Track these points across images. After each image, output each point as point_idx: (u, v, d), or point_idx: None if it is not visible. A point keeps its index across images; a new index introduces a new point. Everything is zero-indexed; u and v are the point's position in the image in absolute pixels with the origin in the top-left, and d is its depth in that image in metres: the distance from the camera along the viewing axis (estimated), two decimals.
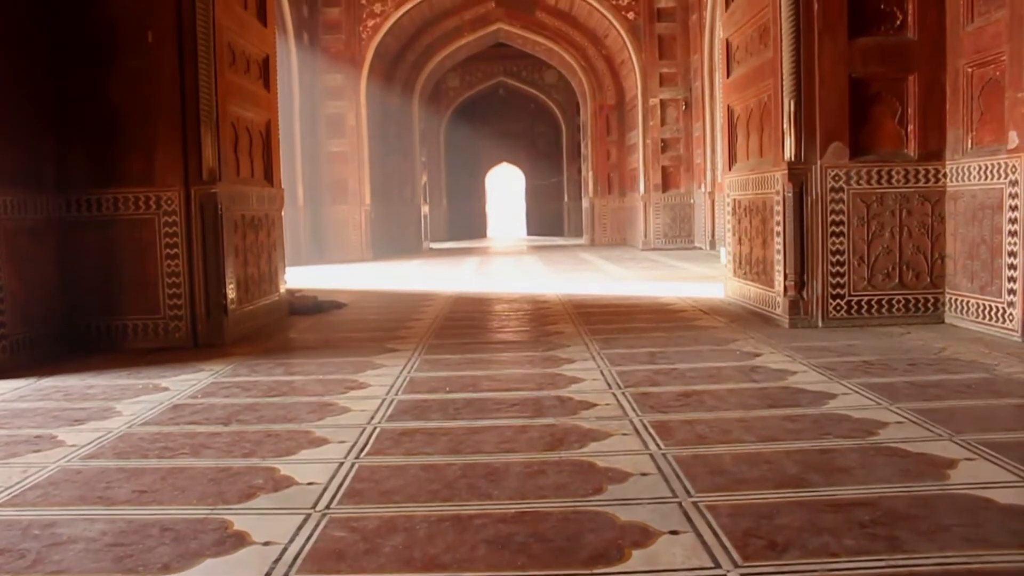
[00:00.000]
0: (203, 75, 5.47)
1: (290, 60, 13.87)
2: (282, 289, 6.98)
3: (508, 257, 15.76)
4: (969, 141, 5.28)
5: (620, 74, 17.07)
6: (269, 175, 6.76)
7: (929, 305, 5.54)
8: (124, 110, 5.53)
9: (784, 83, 5.51)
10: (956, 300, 5.41)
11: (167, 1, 5.51)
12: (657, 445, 2.86)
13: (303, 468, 2.71)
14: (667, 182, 15.60)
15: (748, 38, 6.32)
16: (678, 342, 5.14)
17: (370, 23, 15.12)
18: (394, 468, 2.70)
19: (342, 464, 2.74)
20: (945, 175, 5.49)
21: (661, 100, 15.43)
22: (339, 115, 15.24)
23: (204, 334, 5.54)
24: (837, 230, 5.50)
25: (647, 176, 15.58)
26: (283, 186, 7.23)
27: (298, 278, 9.95)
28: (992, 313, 5.00)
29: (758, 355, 4.57)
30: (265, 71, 6.76)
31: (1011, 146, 4.79)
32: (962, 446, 2.72)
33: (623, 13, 15.23)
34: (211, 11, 5.55)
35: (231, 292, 5.70)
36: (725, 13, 6.86)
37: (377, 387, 4.02)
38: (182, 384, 4.25)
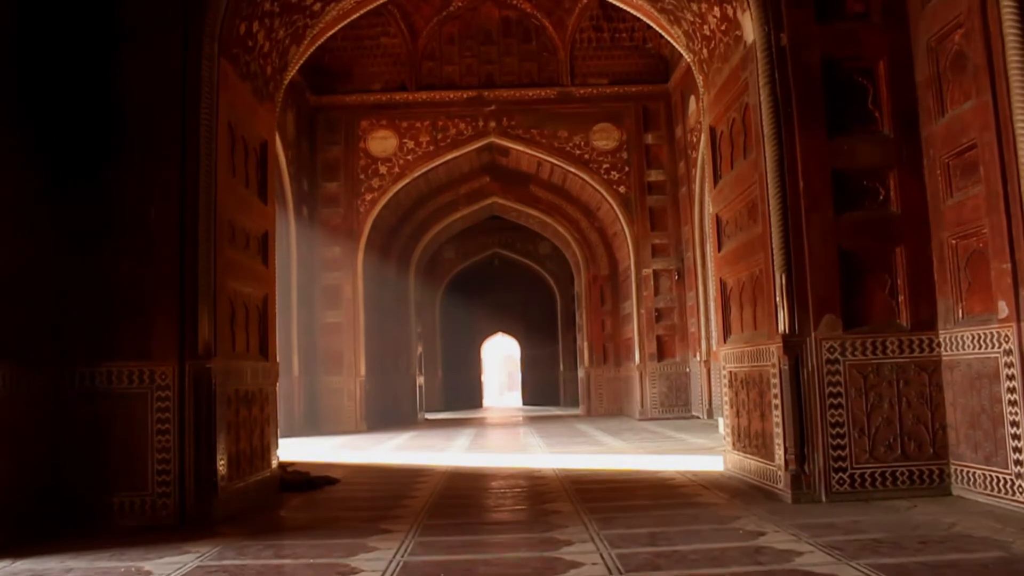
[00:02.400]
0: (203, 252, 5.56)
1: (289, 232, 14.19)
2: (274, 464, 6.84)
3: (504, 428, 15.58)
4: (960, 311, 5.33)
5: (613, 245, 17.46)
6: (264, 349, 6.76)
7: (934, 477, 5.43)
8: (123, 284, 5.57)
9: (775, 257, 5.61)
10: (961, 471, 5.31)
11: (171, 180, 5.66)
12: None
13: None
14: (662, 351, 15.64)
15: (737, 213, 6.49)
16: (679, 521, 4.98)
17: (368, 197, 15.56)
18: None
19: None
20: (939, 344, 5.51)
21: (654, 270, 15.70)
22: (336, 286, 15.45)
23: (192, 513, 5.37)
24: (835, 402, 5.46)
25: (642, 346, 15.64)
26: (279, 357, 7.22)
27: (291, 451, 9.77)
28: (1000, 485, 4.89)
29: (762, 534, 4.43)
30: (264, 247, 6.88)
31: (1002, 316, 4.82)
32: None
33: (615, 187, 15.73)
34: (213, 190, 5.71)
35: (222, 469, 5.58)
36: (714, 189, 7.08)
37: (369, 572, 3.86)
38: (166, 568, 4.07)
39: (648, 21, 7.98)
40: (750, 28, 5.94)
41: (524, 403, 26.80)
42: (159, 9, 5.80)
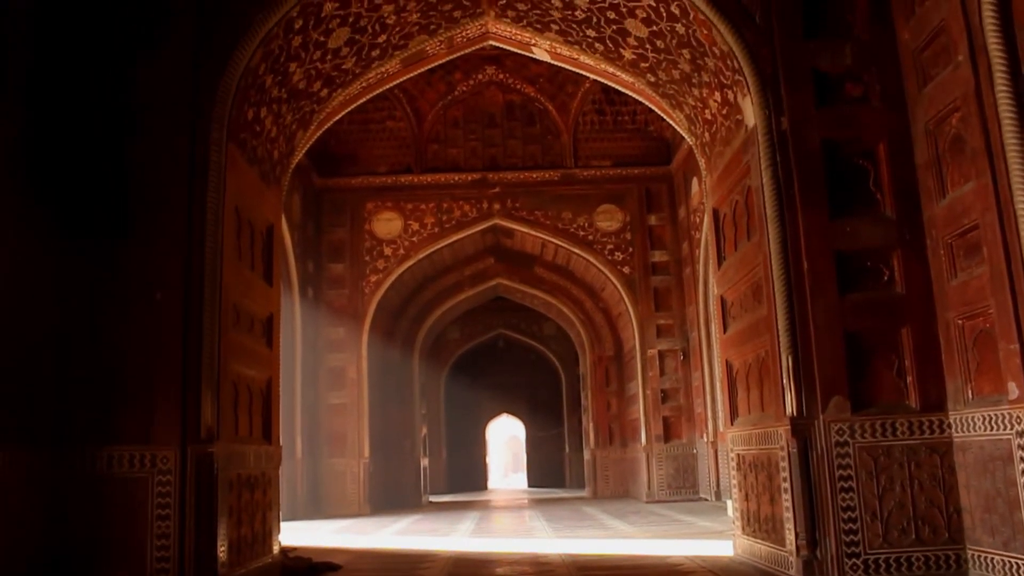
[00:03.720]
0: (207, 336, 5.56)
1: (294, 313, 14.21)
2: (275, 550, 6.71)
3: (509, 512, 15.33)
4: (969, 391, 5.28)
5: (618, 326, 17.44)
6: (268, 433, 6.70)
7: (951, 562, 5.31)
8: (127, 367, 5.56)
9: (781, 339, 5.59)
10: (979, 556, 5.18)
11: (177, 263, 5.70)
12: None
13: None
14: (669, 432, 15.48)
15: (742, 295, 6.50)
16: None
17: (373, 278, 15.63)
18: None
19: None
20: (950, 426, 5.44)
21: (659, 351, 15.64)
22: (340, 368, 15.40)
23: None
24: (846, 485, 5.37)
25: (648, 427, 15.48)
26: (282, 439, 7.16)
27: (293, 535, 9.60)
28: (1020, 571, 4.77)
29: None
30: (268, 329, 6.88)
31: (1012, 397, 4.77)
32: None
33: (619, 268, 15.79)
34: (219, 274, 5.74)
35: (222, 555, 5.48)
36: (718, 271, 7.10)
37: None
38: None
39: (650, 105, 8.12)
40: (751, 112, 6.04)
41: (529, 485, 26.44)
42: (169, 94, 5.92)
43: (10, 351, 5.02)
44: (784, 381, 5.55)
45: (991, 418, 5.00)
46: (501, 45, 8.30)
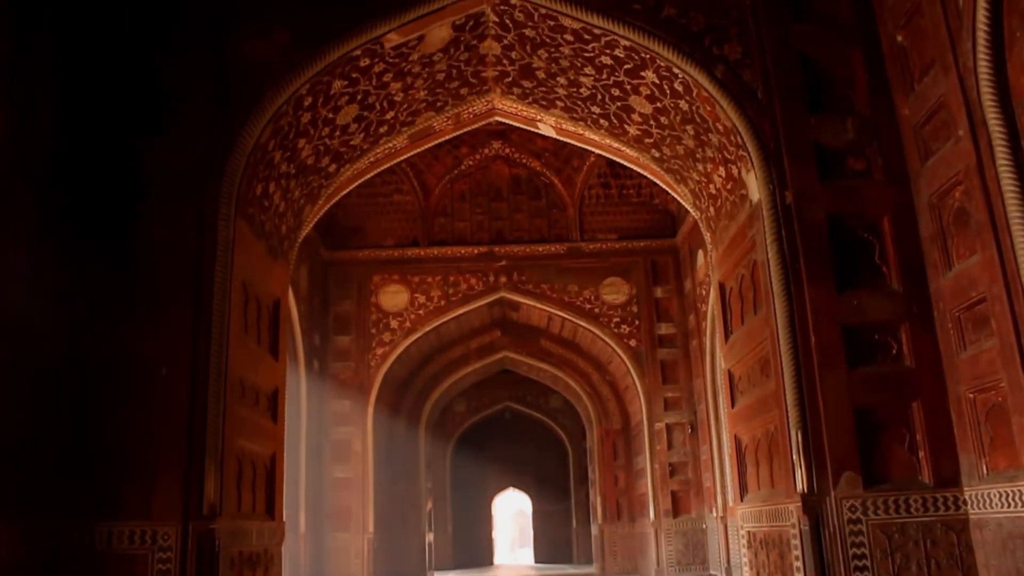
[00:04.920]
0: (212, 411, 5.53)
1: (299, 386, 14.14)
2: None
3: None
4: (984, 467, 5.19)
5: (625, 399, 17.32)
6: (271, 509, 6.60)
7: None
8: (130, 441, 5.53)
9: (789, 414, 5.53)
10: None
11: (183, 337, 5.71)
12: None
13: None
14: (677, 507, 15.24)
15: (750, 369, 6.45)
16: None
17: (379, 351, 15.59)
18: None
19: None
20: (965, 502, 5.33)
21: (667, 424, 15.49)
22: (345, 441, 15.25)
23: None
24: (860, 564, 5.25)
25: (656, 501, 15.25)
26: (285, 514, 7.06)
27: None
28: None
29: None
30: (274, 404, 6.84)
31: None
32: None
33: (625, 341, 15.73)
34: (225, 349, 5.73)
35: None
36: (725, 345, 7.07)
37: None
38: None
39: (654, 179, 8.20)
40: (755, 187, 6.09)
41: (536, 560, 25.94)
42: (178, 169, 6.00)
43: (13, 422, 4.98)
44: (794, 457, 5.48)
45: (1008, 494, 4.90)
46: (507, 121, 8.43)
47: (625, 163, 8.30)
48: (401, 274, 15.89)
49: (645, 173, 8.22)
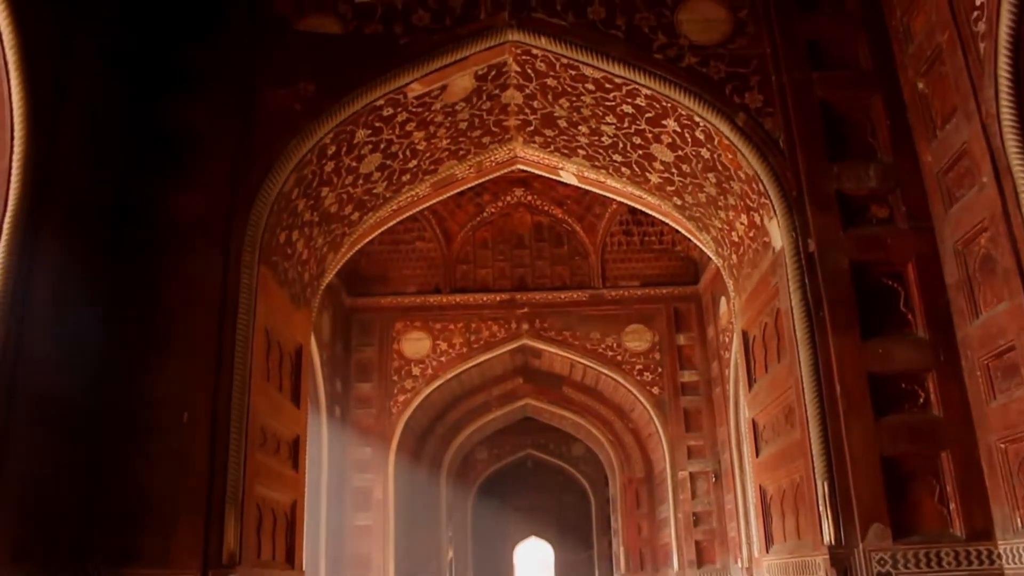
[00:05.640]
0: (233, 459, 5.52)
1: (321, 433, 14.10)
2: None
3: None
4: (1018, 519, 5.06)
5: (648, 447, 17.14)
6: (291, 557, 6.55)
7: None
8: (150, 488, 5.50)
9: (815, 464, 5.44)
10: None
11: (205, 384, 5.71)
12: None
13: None
14: (701, 557, 14.97)
15: (774, 418, 6.37)
16: None
17: (401, 398, 15.55)
18: None
19: None
20: (1000, 556, 5.20)
21: (690, 472, 15.29)
22: (366, 488, 15.16)
23: None
24: None
25: (680, 551, 15.00)
26: (306, 562, 6.99)
27: None
28: None
29: None
30: (295, 451, 6.82)
31: None
32: None
33: (648, 388, 15.62)
34: (246, 396, 5.73)
35: None
36: (749, 393, 6.99)
37: None
38: None
39: (676, 227, 8.19)
40: (777, 235, 6.06)
41: None
42: (202, 215, 6.05)
43: (33, 468, 4.98)
44: (820, 508, 5.37)
45: None
46: (529, 169, 8.48)
47: (647, 210, 8.31)
48: (423, 321, 15.89)
49: (667, 220, 8.22)
